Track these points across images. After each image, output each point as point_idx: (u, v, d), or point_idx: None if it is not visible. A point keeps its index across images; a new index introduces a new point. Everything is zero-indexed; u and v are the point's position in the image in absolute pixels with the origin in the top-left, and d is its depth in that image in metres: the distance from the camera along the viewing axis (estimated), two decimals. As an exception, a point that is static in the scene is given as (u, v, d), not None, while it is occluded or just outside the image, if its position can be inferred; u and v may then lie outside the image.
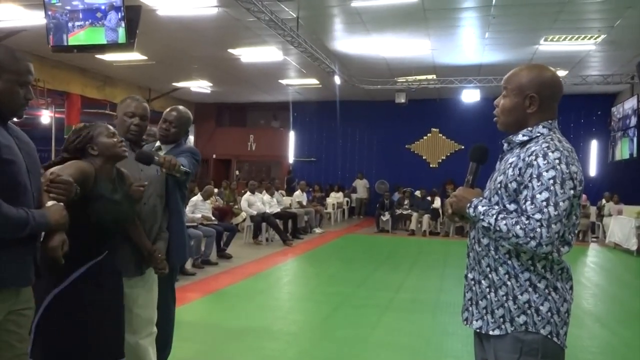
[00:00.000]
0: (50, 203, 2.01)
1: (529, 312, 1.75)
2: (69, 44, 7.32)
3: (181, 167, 2.75)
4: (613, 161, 15.16)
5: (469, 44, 10.91)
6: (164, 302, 3.02)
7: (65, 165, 2.26)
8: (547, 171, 1.68)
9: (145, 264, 2.79)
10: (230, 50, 11.46)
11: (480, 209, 1.79)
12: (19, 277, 1.95)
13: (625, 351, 4.69)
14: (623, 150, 14.07)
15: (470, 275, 1.92)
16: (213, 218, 9.03)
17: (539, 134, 1.81)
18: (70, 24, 7.20)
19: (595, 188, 14.71)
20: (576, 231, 1.82)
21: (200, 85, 15.83)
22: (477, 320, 1.87)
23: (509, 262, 1.78)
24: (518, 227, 1.67)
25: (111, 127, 2.45)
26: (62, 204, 2.03)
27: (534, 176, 1.69)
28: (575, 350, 4.35)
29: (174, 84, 15.46)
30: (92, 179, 2.26)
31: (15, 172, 1.90)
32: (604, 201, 13.53)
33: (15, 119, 2.04)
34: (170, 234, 2.99)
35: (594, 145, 16.28)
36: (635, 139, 13.09)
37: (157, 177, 2.87)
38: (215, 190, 12.19)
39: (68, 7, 7.17)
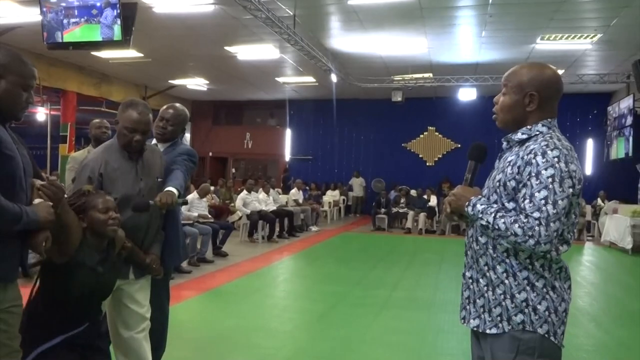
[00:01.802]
0: (37, 201, 2.03)
1: (526, 311, 1.74)
2: (65, 41, 7.29)
3: (178, 200, 2.74)
4: (609, 160, 15.21)
5: (466, 42, 10.91)
6: (158, 300, 3.01)
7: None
8: (546, 169, 1.67)
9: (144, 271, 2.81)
10: (226, 48, 11.43)
11: (479, 207, 1.78)
12: (6, 273, 1.95)
13: (620, 350, 4.70)
14: (619, 150, 14.11)
15: (468, 274, 1.92)
16: (209, 216, 9.01)
17: (538, 133, 1.80)
18: (65, 21, 7.17)
19: (591, 187, 14.75)
20: (575, 230, 1.82)
21: (196, 83, 15.80)
22: (474, 319, 1.87)
23: (507, 260, 1.77)
24: (516, 225, 1.67)
25: (109, 201, 2.38)
26: (49, 202, 2.04)
27: (533, 174, 1.69)
28: (571, 349, 4.36)
29: (170, 81, 15.42)
30: (76, 240, 2.23)
31: (14, 168, 1.94)
32: (599, 200, 13.57)
33: (14, 122, 2.06)
34: (165, 238, 2.97)
35: (589, 144, 16.34)
36: (630, 138, 13.13)
37: (157, 184, 2.83)
38: (212, 188, 12.17)
39: (63, 4, 7.14)
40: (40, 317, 2.22)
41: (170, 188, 2.75)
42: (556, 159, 1.68)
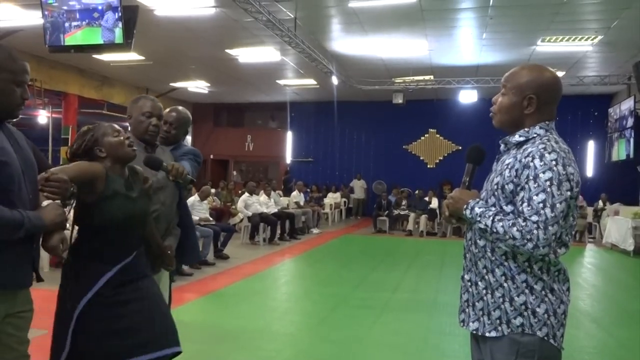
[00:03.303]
0: (45, 203, 1.98)
1: (525, 314, 1.74)
2: (66, 44, 7.31)
3: (187, 175, 2.72)
4: (610, 162, 15.20)
5: (467, 44, 10.92)
6: None
7: (68, 165, 2.21)
8: (543, 172, 1.67)
9: (155, 261, 2.75)
10: (227, 51, 11.46)
11: (477, 210, 1.78)
12: (16, 280, 1.93)
13: (622, 352, 4.69)
14: (620, 151, 14.11)
15: (466, 277, 1.91)
16: (210, 219, 9.02)
17: (535, 135, 1.80)
18: (67, 24, 7.19)
19: (592, 189, 14.76)
20: (573, 232, 1.82)
21: (197, 86, 15.82)
22: (473, 322, 1.86)
23: (506, 263, 1.77)
24: (515, 229, 1.66)
25: (115, 126, 2.37)
26: (58, 202, 1.99)
27: (531, 177, 1.68)
28: (572, 351, 4.35)
29: (171, 84, 15.45)
30: (101, 179, 2.21)
31: (8, 174, 1.88)
32: (600, 202, 13.54)
33: (12, 119, 2.02)
34: (185, 234, 3.01)
35: (590, 146, 16.34)
36: (631, 140, 13.13)
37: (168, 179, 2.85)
38: (213, 190, 12.18)
39: (65, 7, 7.16)
40: (88, 255, 2.23)
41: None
42: (554, 162, 1.68)
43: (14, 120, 2.04)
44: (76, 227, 2.31)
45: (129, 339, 2.20)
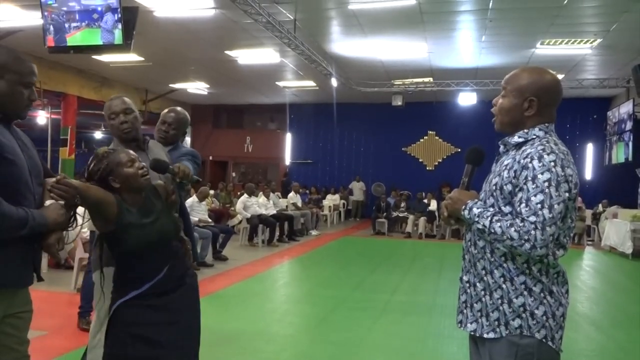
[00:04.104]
0: (48, 202, 2.00)
1: (523, 315, 1.74)
2: (66, 44, 7.30)
3: (193, 176, 2.72)
4: (609, 165, 15.22)
5: (466, 47, 10.93)
6: None
7: (87, 183, 2.23)
8: (542, 174, 1.67)
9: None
10: (227, 52, 11.46)
11: (475, 211, 1.78)
12: (15, 279, 1.94)
13: (621, 355, 4.69)
14: (618, 154, 14.12)
15: (465, 278, 1.91)
16: (209, 220, 9.01)
17: (534, 137, 1.80)
18: (66, 25, 7.17)
19: (591, 191, 14.77)
20: (572, 234, 1.82)
21: (197, 87, 15.82)
22: (471, 323, 1.87)
23: (505, 265, 1.77)
24: (512, 229, 1.67)
25: (131, 153, 2.34)
26: (60, 202, 2.01)
27: (529, 178, 1.69)
28: (571, 354, 4.35)
29: (170, 85, 15.45)
30: (111, 209, 2.20)
31: (16, 172, 1.90)
32: (600, 206, 13.54)
33: (19, 120, 2.04)
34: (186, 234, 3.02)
35: (589, 149, 16.36)
36: (630, 143, 13.14)
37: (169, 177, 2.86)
38: (212, 192, 12.18)
39: (64, 8, 7.15)
40: (122, 276, 2.30)
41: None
42: (552, 163, 1.68)
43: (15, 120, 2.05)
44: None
45: (145, 349, 2.24)
